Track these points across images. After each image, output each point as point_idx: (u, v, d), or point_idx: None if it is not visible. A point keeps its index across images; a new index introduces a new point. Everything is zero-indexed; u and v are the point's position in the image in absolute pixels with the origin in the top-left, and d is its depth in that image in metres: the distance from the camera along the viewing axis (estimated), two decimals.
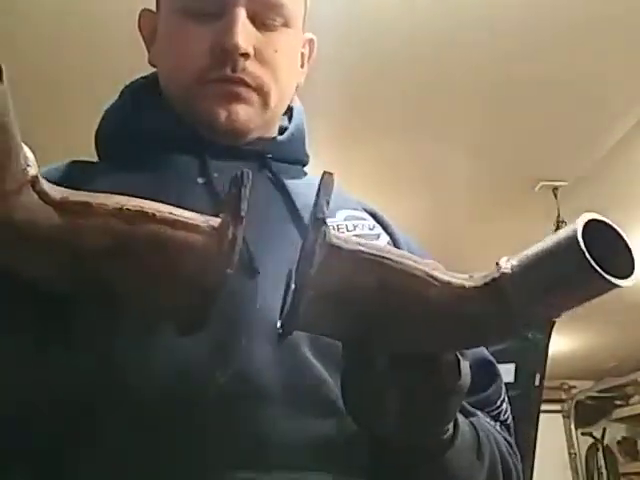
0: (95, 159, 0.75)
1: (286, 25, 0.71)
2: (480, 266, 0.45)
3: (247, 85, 0.68)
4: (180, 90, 0.70)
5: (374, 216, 0.74)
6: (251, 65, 0.68)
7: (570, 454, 5.60)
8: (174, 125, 0.70)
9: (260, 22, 0.69)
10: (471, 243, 3.40)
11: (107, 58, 2.10)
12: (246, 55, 0.67)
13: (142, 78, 0.77)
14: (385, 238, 0.70)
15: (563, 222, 2.96)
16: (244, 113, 0.68)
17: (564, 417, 5.69)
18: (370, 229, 0.70)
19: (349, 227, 0.68)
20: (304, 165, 0.79)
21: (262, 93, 0.69)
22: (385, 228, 0.73)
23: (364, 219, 0.71)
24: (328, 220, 0.68)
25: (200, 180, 0.66)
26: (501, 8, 2.00)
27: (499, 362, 0.70)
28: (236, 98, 0.68)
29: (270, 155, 0.72)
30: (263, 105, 0.70)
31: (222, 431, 0.51)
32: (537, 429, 2.10)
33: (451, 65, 2.26)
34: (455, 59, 2.23)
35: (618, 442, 5.87)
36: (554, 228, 2.97)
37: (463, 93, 2.40)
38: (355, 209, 0.72)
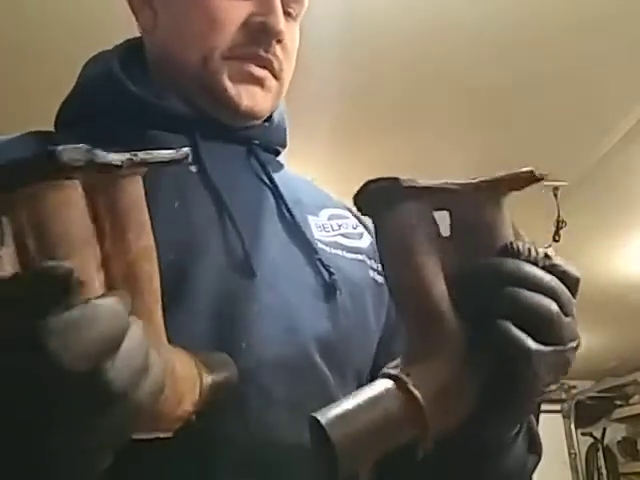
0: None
1: (297, 18, 0.70)
2: None
3: (271, 70, 0.66)
4: (197, 62, 0.64)
5: (355, 215, 0.73)
6: (279, 51, 0.66)
7: (570, 454, 5.58)
8: (168, 98, 0.65)
9: (285, 10, 0.67)
10: None
11: None
12: (280, 41, 0.66)
13: (120, 45, 0.71)
14: (367, 238, 0.69)
15: (563, 222, 2.94)
16: (263, 98, 0.66)
17: (564, 417, 5.68)
18: (353, 228, 0.69)
19: (334, 226, 0.67)
20: (277, 155, 0.75)
21: (280, 81, 0.68)
22: (367, 227, 0.71)
23: (347, 217, 0.70)
24: (313, 219, 0.67)
25: (193, 168, 0.62)
26: (501, 6, 2.00)
27: None
28: (258, 82, 0.66)
29: (257, 141, 0.70)
30: (278, 93, 0.69)
31: (224, 435, 0.50)
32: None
33: (451, 64, 2.25)
34: (455, 58, 2.22)
35: (618, 442, 5.86)
36: (554, 228, 2.96)
37: (463, 93, 2.40)
38: (338, 207, 0.71)
